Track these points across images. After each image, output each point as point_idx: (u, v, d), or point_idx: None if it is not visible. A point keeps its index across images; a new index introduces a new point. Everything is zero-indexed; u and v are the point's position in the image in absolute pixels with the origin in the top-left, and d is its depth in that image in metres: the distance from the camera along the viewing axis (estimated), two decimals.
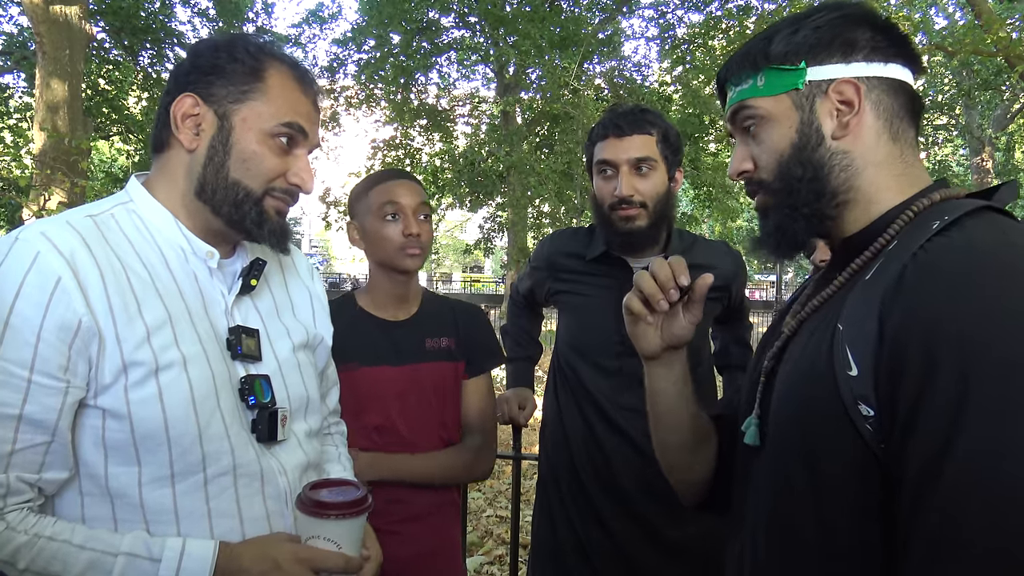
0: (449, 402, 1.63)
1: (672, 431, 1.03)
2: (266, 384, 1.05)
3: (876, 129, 0.85)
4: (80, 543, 0.87)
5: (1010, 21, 9.08)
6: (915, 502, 0.65)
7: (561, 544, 1.80)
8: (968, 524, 0.61)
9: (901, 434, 0.67)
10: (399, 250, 1.55)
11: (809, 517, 0.77)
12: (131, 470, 0.92)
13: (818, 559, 0.76)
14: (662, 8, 15.84)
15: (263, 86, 1.01)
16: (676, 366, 1.00)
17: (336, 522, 0.97)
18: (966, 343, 0.63)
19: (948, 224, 0.72)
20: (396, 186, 1.58)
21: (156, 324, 0.93)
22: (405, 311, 1.65)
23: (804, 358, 0.81)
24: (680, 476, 1.07)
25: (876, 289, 0.73)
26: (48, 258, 0.87)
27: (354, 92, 17.43)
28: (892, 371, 0.68)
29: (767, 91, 0.87)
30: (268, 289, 1.15)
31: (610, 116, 1.74)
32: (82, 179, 7.65)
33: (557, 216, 15.45)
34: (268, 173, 1.02)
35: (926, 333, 0.66)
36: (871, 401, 0.70)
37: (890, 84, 0.85)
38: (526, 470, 4.61)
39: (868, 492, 0.72)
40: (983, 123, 17.13)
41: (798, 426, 0.79)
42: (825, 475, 0.75)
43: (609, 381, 1.73)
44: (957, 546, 0.62)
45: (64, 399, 0.88)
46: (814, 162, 0.85)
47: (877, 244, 0.81)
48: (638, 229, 1.69)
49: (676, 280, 0.91)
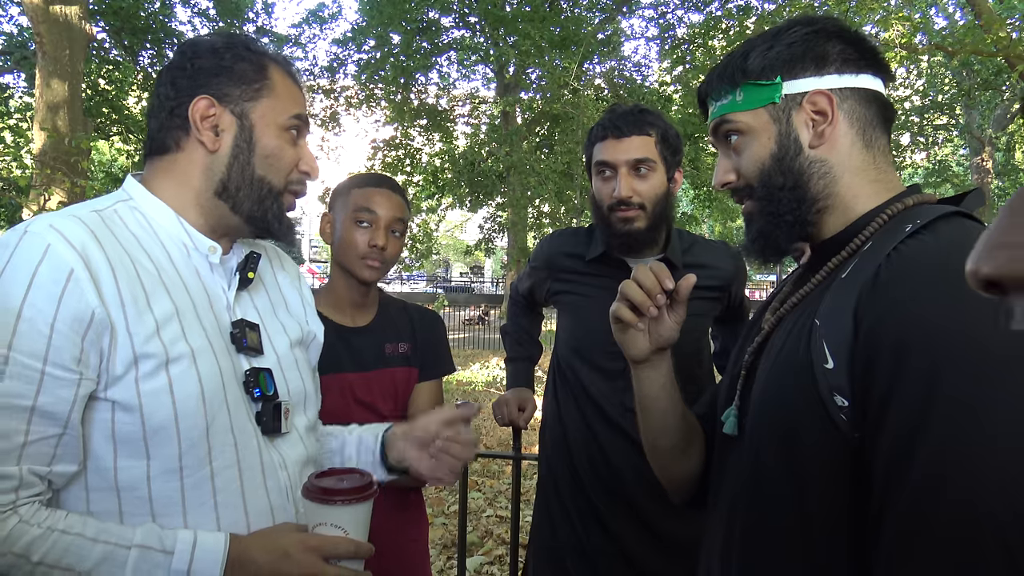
0: (401, 406, 1.64)
1: (663, 433, 1.06)
2: (269, 377, 1.06)
3: (850, 137, 0.89)
4: (93, 536, 0.88)
5: (1010, 21, 9.09)
6: (888, 483, 0.68)
7: (561, 544, 1.80)
8: (939, 505, 0.64)
9: (875, 419, 0.70)
10: (360, 259, 1.54)
11: (784, 498, 0.80)
12: (140, 463, 0.92)
13: (791, 536, 0.79)
14: (662, 8, 15.85)
15: (270, 83, 1.04)
16: (663, 367, 1.04)
17: (343, 508, 0.98)
18: (936, 334, 0.67)
19: (921, 227, 0.76)
20: (376, 194, 1.56)
21: (164, 317, 0.94)
22: (364, 316, 1.65)
23: (783, 352, 0.85)
24: (671, 475, 1.10)
25: (852, 286, 0.77)
26: (60, 250, 0.87)
27: (354, 92, 17.46)
28: (866, 363, 0.71)
29: (745, 105, 0.91)
30: (263, 286, 1.17)
31: (609, 117, 1.73)
32: (82, 179, 7.65)
33: (557, 216, 15.47)
34: (288, 166, 1.06)
35: (898, 326, 0.70)
36: (846, 392, 0.73)
37: (863, 94, 0.89)
38: (526, 470, 4.61)
39: (839, 477, 0.75)
40: (983, 123, 17.13)
41: (776, 415, 0.83)
42: (799, 460, 0.79)
43: (609, 382, 1.73)
44: (928, 524, 0.65)
45: (77, 391, 0.88)
46: (794, 171, 0.89)
47: (852, 245, 0.85)
48: (637, 231, 1.69)
49: (661, 285, 0.95)
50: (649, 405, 1.05)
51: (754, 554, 0.85)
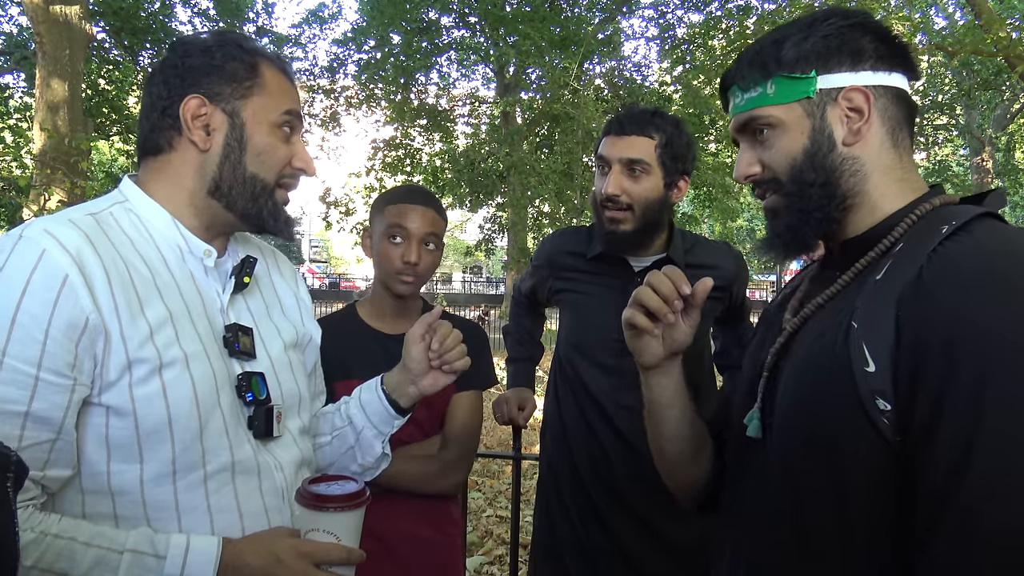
0: (437, 414, 1.63)
1: (671, 440, 1.04)
2: (262, 381, 1.06)
3: (880, 136, 0.88)
4: (86, 540, 0.88)
5: (1010, 21, 9.09)
6: (942, 493, 0.68)
7: (560, 543, 1.80)
8: (994, 509, 0.64)
9: (925, 422, 0.69)
10: (395, 274, 1.56)
11: (821, 504, 0.79)
12: (133, 467, 0.92)
13: (829, 542, 0.78)
14: (662, 8, 15.85)
15: (261, 80, 1.04)
16: (674, 373, 1.01)
17: (335, 515, 0.98)
18: (985, 337, 0.67)
19: (957, 228, 0.75)
20: (409, 210, 1.57)
21: (158, 322, 0.94)
22: (404, 324, 1.65)
23: (814, 354, 0.83)
24: (678, 481, 1.09)
25: (891, 289, 0.75)
26: (55, 255, 0.87)
27: (354, 92, 17.46)
28: (912, 366, 0.70)
29: (777, 99, 0.89)
30: (258, 289, 1.17)
31: (618, 113, 1.75)
32: (82, 179, 7.66)
33: (557, 216, 15.45)
34: (280, 163, 1.06)
35: (947, 329, 0.69)
36: (888, 396, 0.72)
37: (894, 93, 0.88)
38: (526, 470, 4.61)
39: (882, 483, 0.74)
40: (983, 123, 17.13)
41: (809, 418, 0.81)
42: (838, 467, 0.77)
43: (609, 379, 1.73)
44: (984, 528, 0.65)
45: (71, 396, 0.88)
46: (826, 167, 0.88)
47: (883, 245, 0.83)
48: (623, 232, 1.69)
49: (678, 290, 0.92)
50: (659, 411, 1.02)
51: (776, 556, 0.83)
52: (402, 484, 1.50)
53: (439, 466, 1.57)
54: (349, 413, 1.27)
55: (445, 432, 1.61)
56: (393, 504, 1.48)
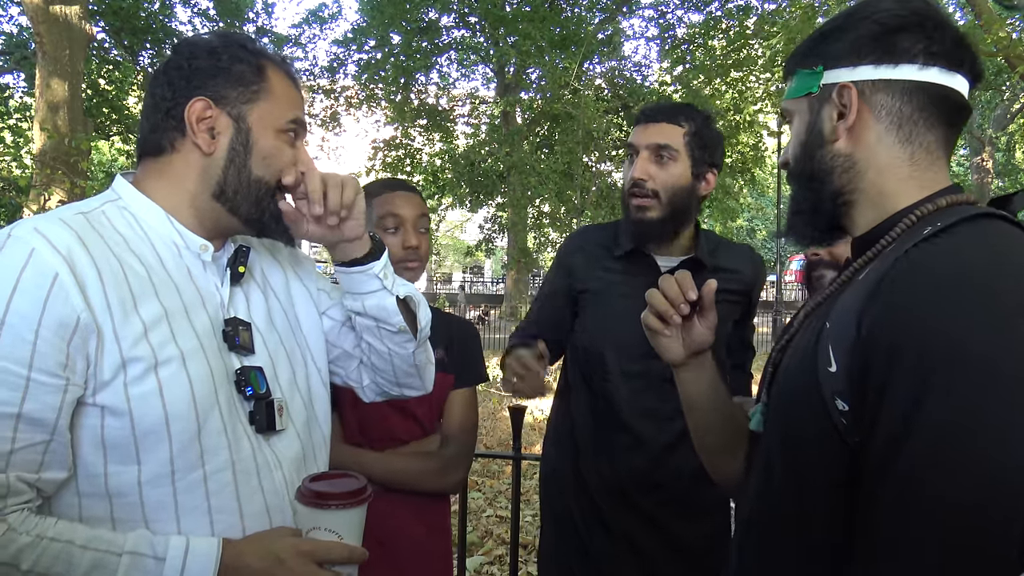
0: (436, 411, 1.64)
1: (708, 431, 1.09)
2: (261, 375, 1.05)
3: (878, 132, 0.85)
4: (83, 543, 0.86)
5: (1010, 21, 9.08)
6: (879, 473, 0.68)
7: (565, 545, 1.79)
8: (937, 478, 0.65)
9: (870, 421, 0.70)
10: (398, 263, 1.55)
11: (788, 495, 0.81)
12: (131, 468, 0.91)
13: (794, 532, 0.81)
14: (662, 8, 15.86)
15: (268, 85, 1.03)
16: (704, 370, 1.05)
17: (336, 512, 0.97)
18: (930, 341, 0.66)
19: (940, 230, 0.74)
20: (396, 197, 1.58)
21: (152, 320, 0.93)
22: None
23: (796, 353, 0.85)
24: (720, 471, 1.12)
25: (862, 289, 0.76)
26: (44, 254, 0.86)
27: (354, 92, 17.46)
28: (864, 366, 0.71)
29: (792, 93, 0.92)
30: (254, 279, 1.15)
31: (648, 105, 1.78)
32: (82, 179, 7.66)
33: (557, 216, 15.47)
34: (284, 167, 1.05)
35: (893, 329, 0.69)
36: (846, 396, 0.73)
37: (901, 86, 0.84)
38: (526, 470, 4.61)
39: (839, 480, 0.75)
40: (983, 123, 17.11)
41: (784, 419, 0.84)
42: (802, 461, 0.79)
43: (629, 383, 1.71)
44: (917, 507, 0.66)
45: (63, 397, 0.87)
46: (816, 162, 0.89)
47: (879, 246, 0.83)
48: (649, 220, 1.68)
49: (684, 295, 0.97)
50: (692, 405, 1.08)
51: (757, 546, 0.87)
52: (405, 482, 1.51)
53: (441, 463, 1.57)
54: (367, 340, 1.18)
55: (444, 430, 1.62)
56: (389, 504, 1.48)
